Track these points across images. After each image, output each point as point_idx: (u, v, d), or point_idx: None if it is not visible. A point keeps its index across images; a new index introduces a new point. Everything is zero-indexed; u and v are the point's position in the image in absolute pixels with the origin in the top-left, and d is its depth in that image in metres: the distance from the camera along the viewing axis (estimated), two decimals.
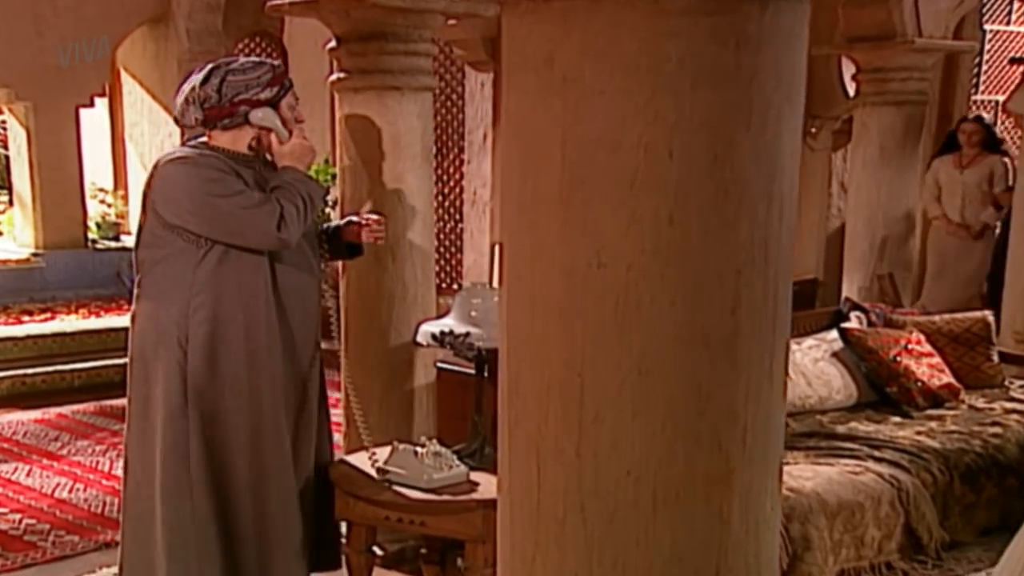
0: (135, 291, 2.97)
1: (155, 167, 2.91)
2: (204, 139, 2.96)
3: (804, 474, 3.41)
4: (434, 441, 3.09)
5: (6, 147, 8.71)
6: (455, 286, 6.85)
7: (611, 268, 1.17)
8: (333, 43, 3.71)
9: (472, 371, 3.31)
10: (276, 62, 3.04)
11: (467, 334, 3.14)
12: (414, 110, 3.70)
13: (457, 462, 3.08)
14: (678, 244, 1.17)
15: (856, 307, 4.83)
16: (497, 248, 4.48)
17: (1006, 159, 6.26)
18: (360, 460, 3.17)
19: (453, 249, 6.86)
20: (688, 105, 1.14)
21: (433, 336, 3.20)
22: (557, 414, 1.22)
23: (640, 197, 1.15)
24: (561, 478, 1.23)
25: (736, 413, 1.21)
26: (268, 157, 2.99)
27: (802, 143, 1.32)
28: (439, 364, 3.99)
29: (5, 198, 8.89)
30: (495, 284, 3.47)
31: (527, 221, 1.23)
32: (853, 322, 4.65)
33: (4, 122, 8.75)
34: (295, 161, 2.92)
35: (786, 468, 2.87)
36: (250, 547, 2.92)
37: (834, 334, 4.47)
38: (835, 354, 4.35)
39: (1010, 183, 5.87)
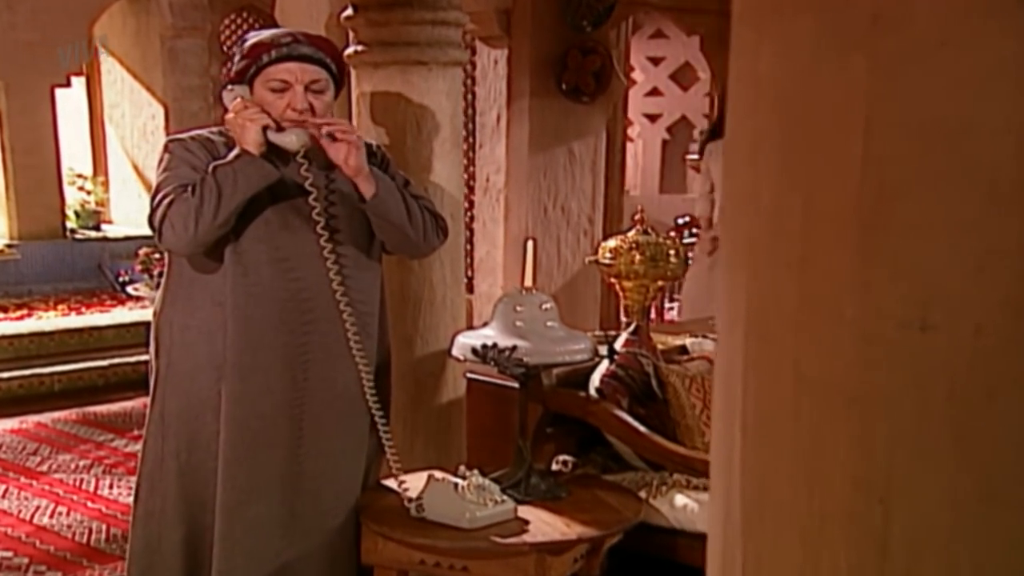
0: None
1: None
2: None
3: None
4: (475, 472, 2.67)
5: None
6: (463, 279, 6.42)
7: (945, 332, 0.71)
8: (349, 11, 3.26)
9: (510, 384, 2.90)
10: (270, 33, 2.55)
11: (513, 348, 2.73)
12: (442, 88, 3.26)
13: (502, 496, 2.66)
14: None
15: None
16: (531, 245, 4.03)
17: None
18: (387, 492, 2.75)
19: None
20: None
21: (474, 350, 2.77)
22: (840, 562, 0.76)
23: (1003, 216, 0.69)
24: None
25: None
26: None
27: None
28: (470, 375, 3.58)
29: None
30: (528, 285, 3.08)
31: (792, 252, 0.76)
32: None
33: None
34: (237, 140, 2.43)
35: None
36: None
37: None
38: None
39: None
